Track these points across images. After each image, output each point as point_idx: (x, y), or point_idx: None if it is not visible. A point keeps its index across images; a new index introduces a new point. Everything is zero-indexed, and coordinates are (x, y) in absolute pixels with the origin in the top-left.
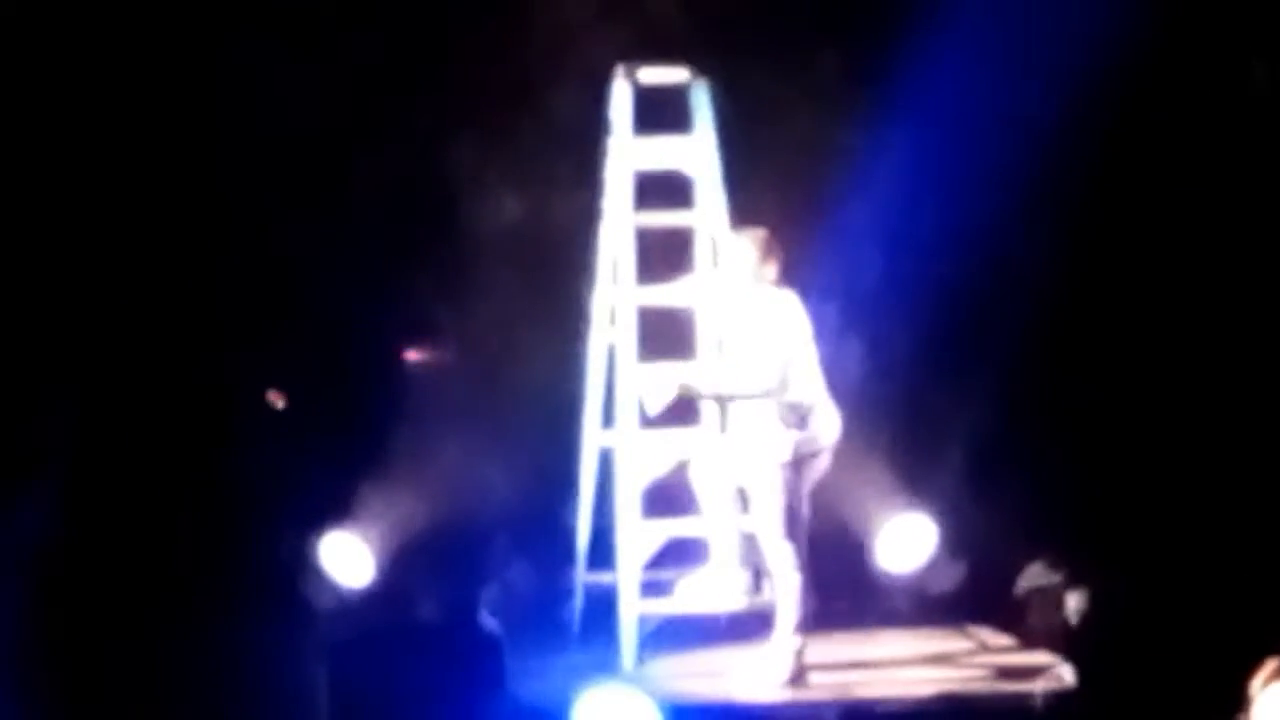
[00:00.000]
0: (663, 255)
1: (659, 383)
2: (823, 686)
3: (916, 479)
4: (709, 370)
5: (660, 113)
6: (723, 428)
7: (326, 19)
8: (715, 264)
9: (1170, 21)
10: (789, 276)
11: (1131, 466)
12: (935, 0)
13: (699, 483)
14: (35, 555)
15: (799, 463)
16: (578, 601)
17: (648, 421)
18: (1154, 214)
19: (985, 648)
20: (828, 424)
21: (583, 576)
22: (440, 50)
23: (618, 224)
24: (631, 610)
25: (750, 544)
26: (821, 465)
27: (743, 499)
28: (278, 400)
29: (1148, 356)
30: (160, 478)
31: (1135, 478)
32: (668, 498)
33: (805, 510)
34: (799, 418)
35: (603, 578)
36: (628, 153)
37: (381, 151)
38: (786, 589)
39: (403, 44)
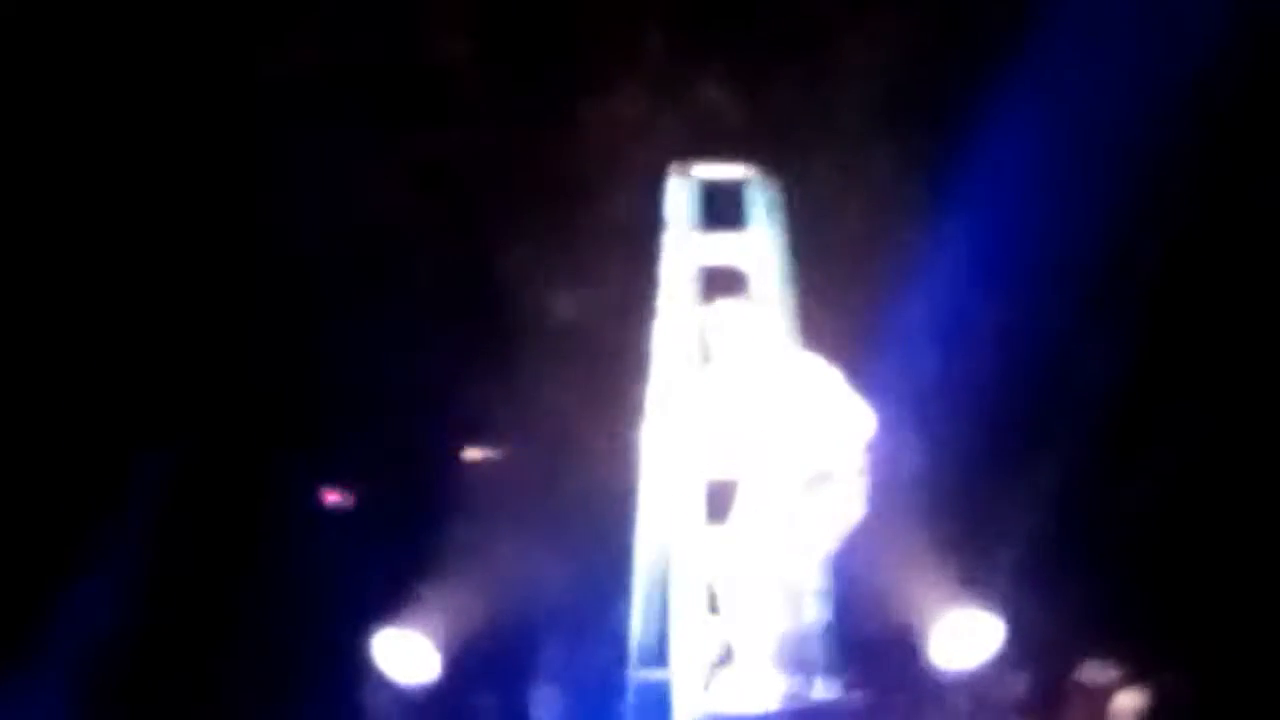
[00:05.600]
0: None
1: None
2: None
3: (976, 575)
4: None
5: (718, 209)
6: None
7: (387, 118)
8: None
9: (1235, 122)
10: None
11: (1191, 565)
12: (994, 94)
13: (726, 581)
14: (95, 648)
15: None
16: (630, 699)
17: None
18: (1217, 314)
19: None
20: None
21: (637, 674)
22: (499, 148)
23: (675, 319)
24: (687, 708)
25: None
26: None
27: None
28: (338, 497)
29: (1210, 456)
30: (221, 576)
31: (1195, 576)
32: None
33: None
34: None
35: (658, 675)
36: (685, 249)
37: (441, 249)
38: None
39: (463, 143)
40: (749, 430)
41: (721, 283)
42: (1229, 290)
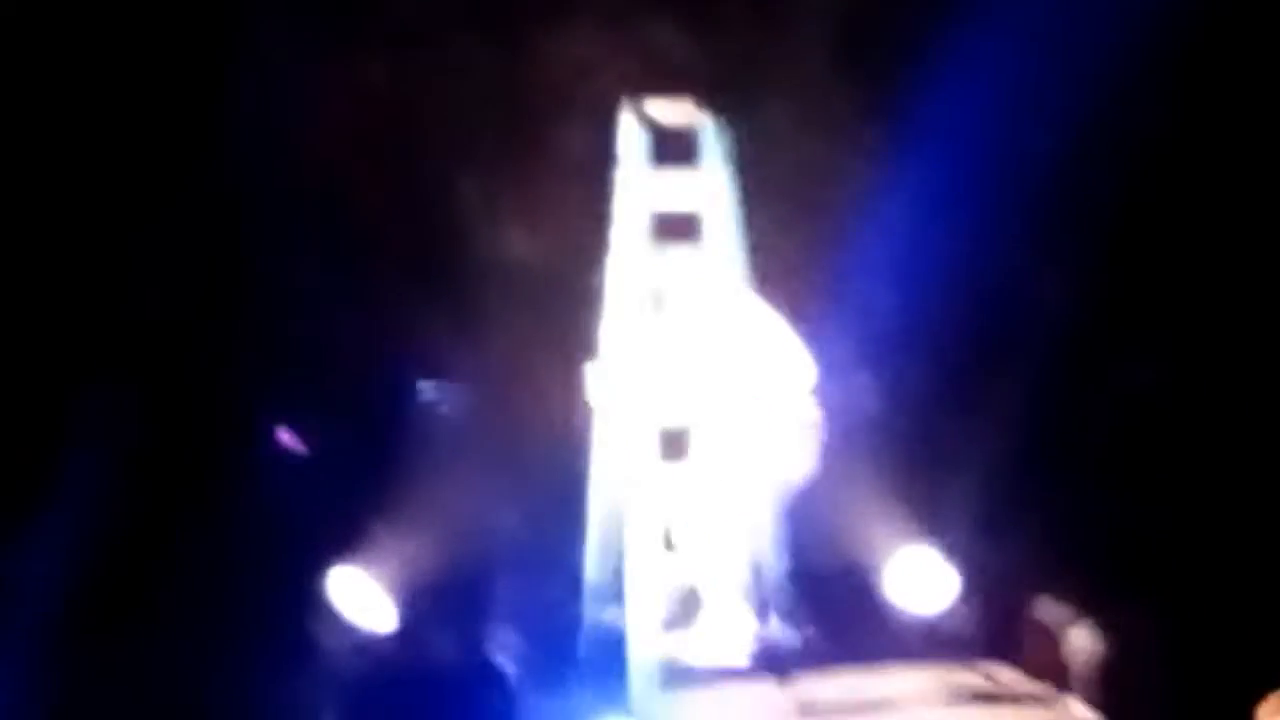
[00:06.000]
0: None
1: None
2: None
3: (929, 513)
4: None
5: (670, 147)
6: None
7: (335, 57)
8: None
9: (1186, 57)
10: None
11: (1144, 502)
12: (949, 31)
13: (694, 524)
14: (47, 588)
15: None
16: (588, 639)
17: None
18: (1172, 247)
19: (997, 683)
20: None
21: (593, 614)
22: (451, 85)
23: (627, 257)
24: (641, 647)
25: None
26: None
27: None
28: (289, 440)
29: (1166, 393)
30: (176, 517)
31: (1148, 511)
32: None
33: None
34: None
35: (613, 616)
36: (637, 187)
37: (393, 187)
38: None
39: (414, 78)
40: (698, 377)
41: (674, 222)
42: (1183, 226)
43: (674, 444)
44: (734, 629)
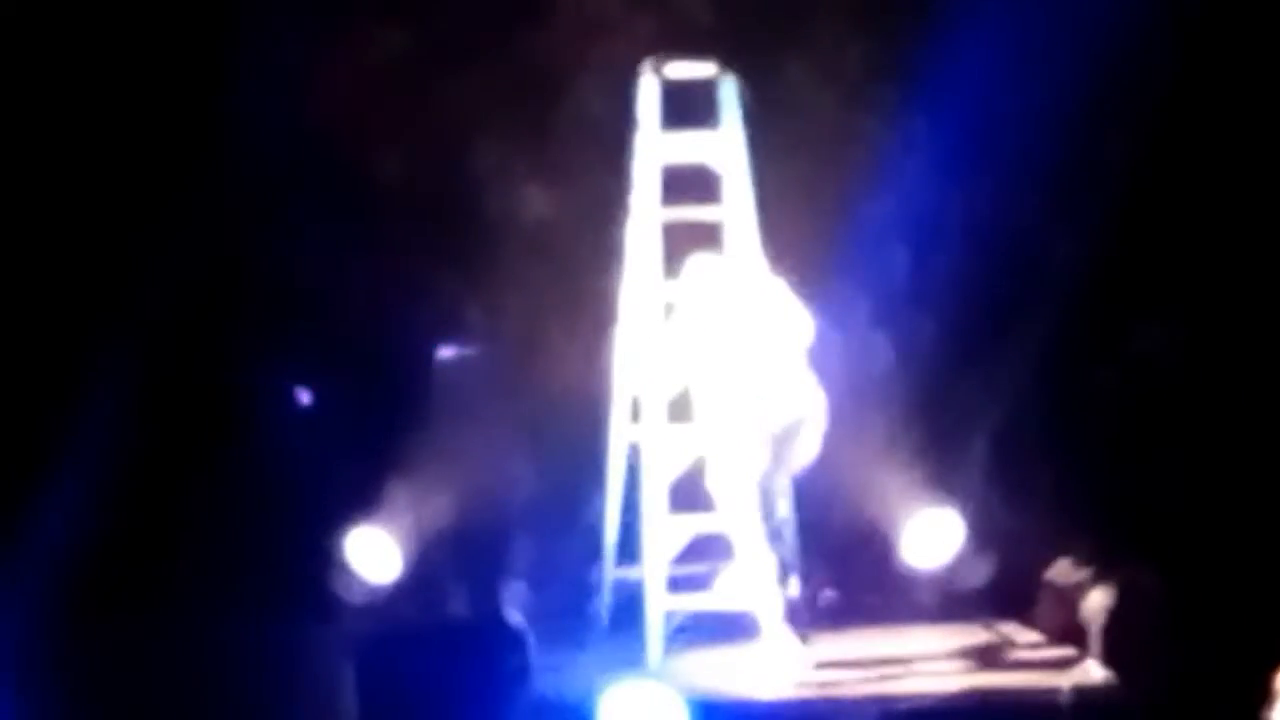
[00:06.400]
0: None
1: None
2: (849, 682)
3: (944, 474)
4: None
5: (688, 107)
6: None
7: (354, 13)
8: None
9: (1202, 12)
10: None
11: (1159, 461)
12: None
13: (714, 482)
14: (60, 549)
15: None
16: (605, 596)
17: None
18: (1184, 205)
19: (1012, 643)
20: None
21: (610, 572)
22: (469, 44)
23: (644, 219)
24: (658, 605)
25: (774, 540)
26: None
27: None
28: (307, 397)
29: (1178, 351)
30: (188, 473)
31: (1163, 472)
32: (694, 493)
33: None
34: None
35: (630, 573)
36: (655, 147)
37: (410, 147)
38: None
39: (431, 37)
40: (706, 342)
41: (690, 181)
42: (1197, 186)
43: (681, 405)
44: (752, 589)
